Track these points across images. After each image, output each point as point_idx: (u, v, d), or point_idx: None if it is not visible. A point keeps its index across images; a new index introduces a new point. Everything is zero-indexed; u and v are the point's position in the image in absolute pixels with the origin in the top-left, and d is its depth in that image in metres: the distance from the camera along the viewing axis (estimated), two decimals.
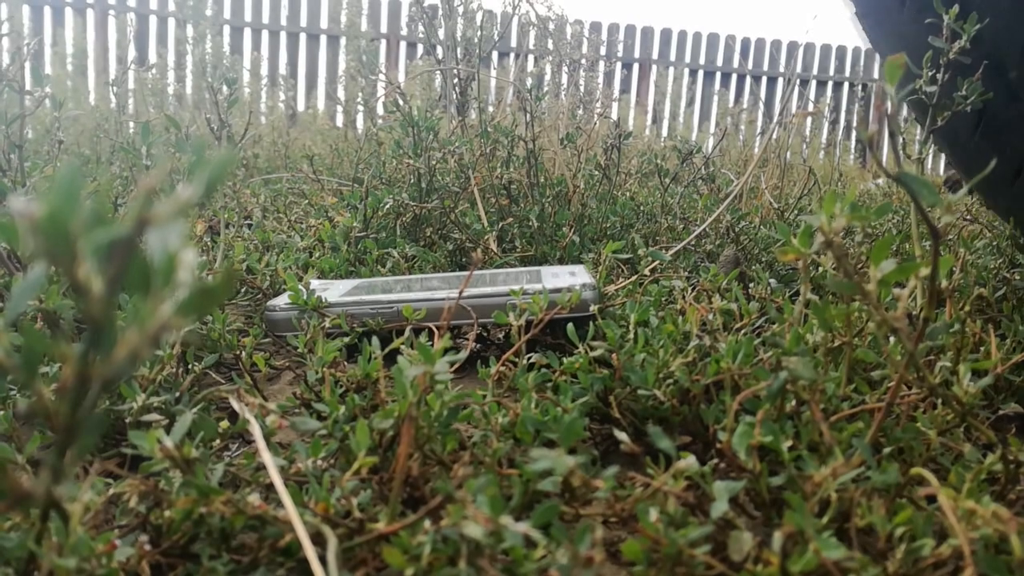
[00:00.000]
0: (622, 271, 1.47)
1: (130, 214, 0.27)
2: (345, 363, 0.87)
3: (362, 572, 0.51)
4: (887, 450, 0.67)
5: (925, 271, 0.52)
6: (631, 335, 0.87)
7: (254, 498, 0.51)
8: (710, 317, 0.91)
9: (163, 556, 0.53)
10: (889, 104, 0.47)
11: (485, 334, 1.14)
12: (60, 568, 0.43)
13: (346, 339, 0.93)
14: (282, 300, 1.07)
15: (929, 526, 0.54)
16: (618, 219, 1.78)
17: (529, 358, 0.87)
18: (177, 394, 0.72)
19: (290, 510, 0.49)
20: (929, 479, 0.54)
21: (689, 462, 0.49)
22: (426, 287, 1.12)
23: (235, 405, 0.60)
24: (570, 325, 0.89)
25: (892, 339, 0.72)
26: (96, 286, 0.27)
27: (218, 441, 0.68)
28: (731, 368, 0.74)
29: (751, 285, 1.28)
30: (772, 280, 1.35)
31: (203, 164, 0.27)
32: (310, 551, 0.46)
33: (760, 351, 0.85)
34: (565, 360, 0.85)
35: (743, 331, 0.96)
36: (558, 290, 1.00)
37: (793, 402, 0.68)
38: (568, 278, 1.09)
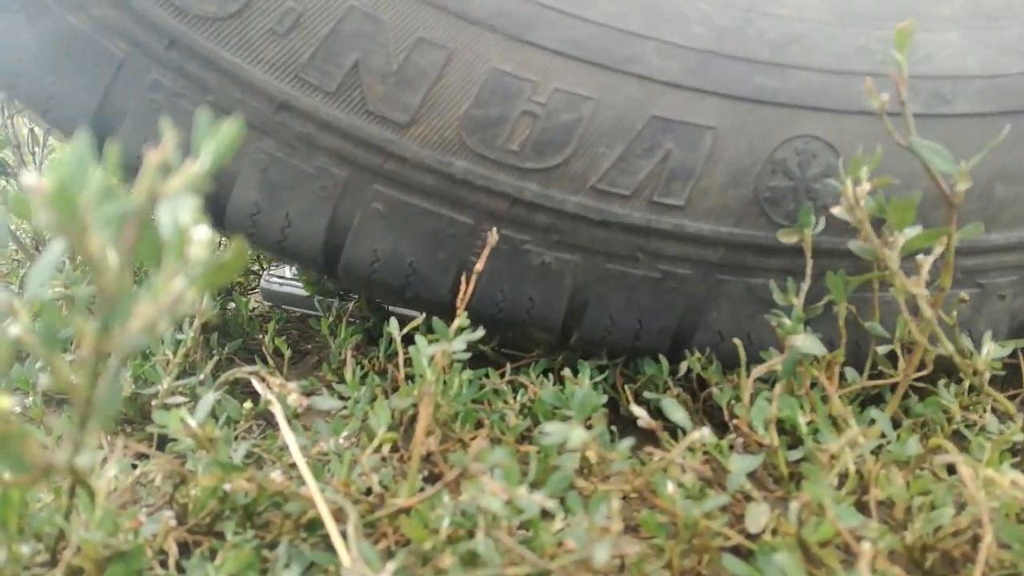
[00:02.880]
0: None
1: (141, 188, 0.27)
2: (366, 346, 0.88)
3: (383, 545, 0.52)
4: (907, 422, 0.67)
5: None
6: None
7: (276, 475, 0.52)
8: None
9: (189, 533, 0.54)
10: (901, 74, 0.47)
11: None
12: (88, 543, 0.44)
13: (368, 323, 0.94)
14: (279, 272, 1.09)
15: (949, 496, 0.53)
16: None
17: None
18: (201, 377, 0.73)
19: (311, 486, 0.50)
20: (949, 449, 0.54)
21: (704, 432, 0.50)
22: None
23: (257, 386, 0.61)
24: None
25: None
26: (109, 259, 0.27)
27: (242, 422, 0.69)
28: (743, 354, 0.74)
29: None
30: None
31: (210, 138, 0.27)
32: (331, 525, 0.47)
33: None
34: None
35: None
36: None
37: (804, 387, 0.68)
38: None
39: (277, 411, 0.57)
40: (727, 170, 0.69)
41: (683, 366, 0.76)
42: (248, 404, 0.67)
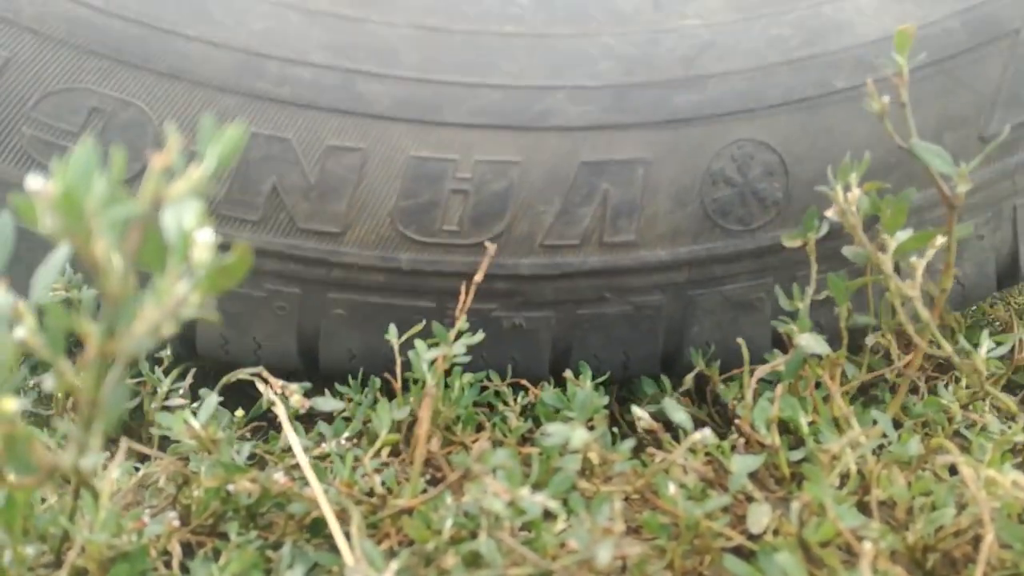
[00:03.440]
0: None
1: (145, 192, 0.27)
2: None
3: (386, 546, 0.52)
4: (908, 422, 0.67)
5: (942, 239, 0.52)
6: None
7: (279, 476, 0.52)
8: None
9: (192, 534, 0.54)
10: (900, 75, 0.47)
11: None
12: (92, 544, 0.44)
13: None
14: None
15: (950, 496, 0.53)
16: None
17: None
18: (181, 389, 0.73)
19: (315, 487, 0.51)
20: (950, 449, 0.54)
21: (705, 433, 0.50)
22: None
23: (259, 386, 0.62)
24: None
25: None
26: (114, 263, 0.28)
27: (237, 427, 0.69)
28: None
29: None
30: None
31: (214, 141, 0.27)
32: (335, 526, 0.48)
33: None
34: None
35: None
36: None
37: (808, 387, 0.68)
38: None
39: (280, 412, 0.57)
40: (669, 194, 0.68)
41: (687, 379, 0.76)
42: (240, 412, 0.66)
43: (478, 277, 0.64)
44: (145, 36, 0.66)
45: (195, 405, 0.60)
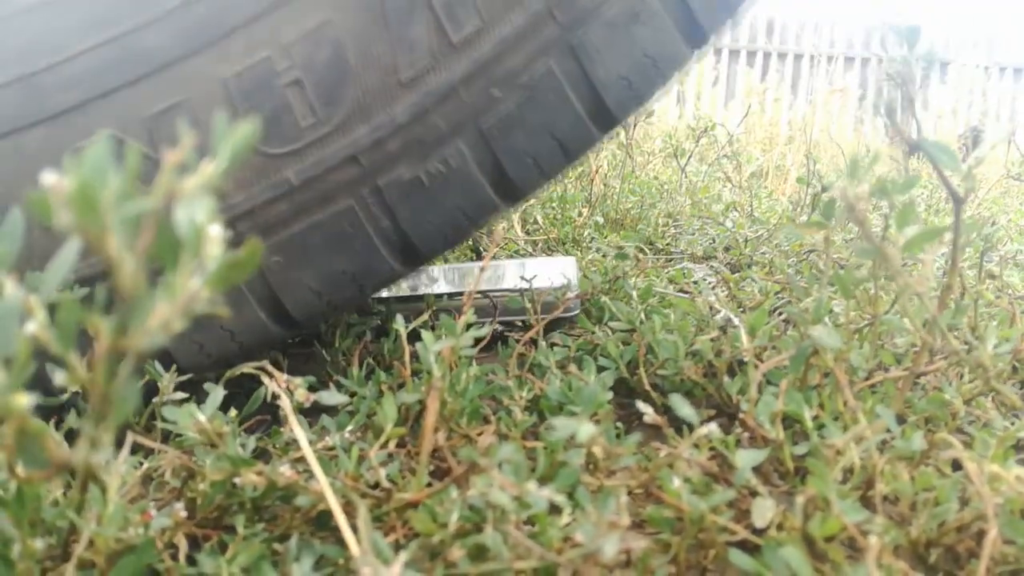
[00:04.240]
0: (645, 252, 1.47)
1: (158, 188, 0.27)
2: (370, 343, 0.88)
3: (392, 539, 0.53)
4: (912, 418, 0.67)
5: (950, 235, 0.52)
6: (640, 317, 0.88)
7: (285, 469, 0.52)
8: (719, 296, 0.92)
9: (198, 527, 0.54)
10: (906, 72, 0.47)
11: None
12: (100, 537, 0.45)
13: (374, 320, 0.94)
14: None
15: (954, 492, 0.54)
16: (638, 199, 1.78)
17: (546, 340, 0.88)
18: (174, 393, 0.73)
19: (321, 480, 0.51)
20: (954, 444, 0.54)
21: (710, 428, 0.50)
22: (429, 278, 1.11)
23: (265, 380, 0.62)
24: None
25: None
26: (127, 259, 0.28)
27: (239, 423, 0.69)
28: (752, 346, 0.74)
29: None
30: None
31: (226, 138, 0.27)
32: (341, 518, 0.48)
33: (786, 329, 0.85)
34: (594, 331, 0.86)
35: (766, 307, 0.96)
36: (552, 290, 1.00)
37: (817, 377, 0.68)
38: (558, 276, 1.07)
39: (285, 405, 0.57)
40: None
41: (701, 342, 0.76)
42: (233, 412, 0.66)
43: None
44: None
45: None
